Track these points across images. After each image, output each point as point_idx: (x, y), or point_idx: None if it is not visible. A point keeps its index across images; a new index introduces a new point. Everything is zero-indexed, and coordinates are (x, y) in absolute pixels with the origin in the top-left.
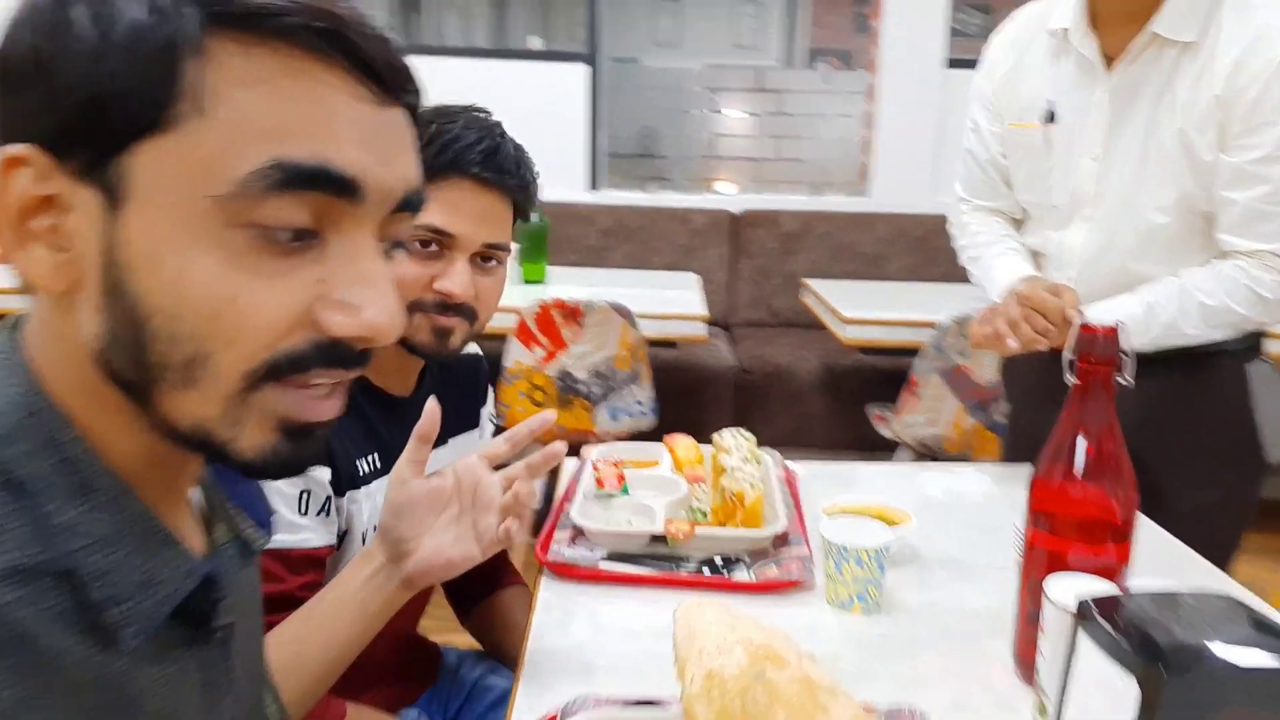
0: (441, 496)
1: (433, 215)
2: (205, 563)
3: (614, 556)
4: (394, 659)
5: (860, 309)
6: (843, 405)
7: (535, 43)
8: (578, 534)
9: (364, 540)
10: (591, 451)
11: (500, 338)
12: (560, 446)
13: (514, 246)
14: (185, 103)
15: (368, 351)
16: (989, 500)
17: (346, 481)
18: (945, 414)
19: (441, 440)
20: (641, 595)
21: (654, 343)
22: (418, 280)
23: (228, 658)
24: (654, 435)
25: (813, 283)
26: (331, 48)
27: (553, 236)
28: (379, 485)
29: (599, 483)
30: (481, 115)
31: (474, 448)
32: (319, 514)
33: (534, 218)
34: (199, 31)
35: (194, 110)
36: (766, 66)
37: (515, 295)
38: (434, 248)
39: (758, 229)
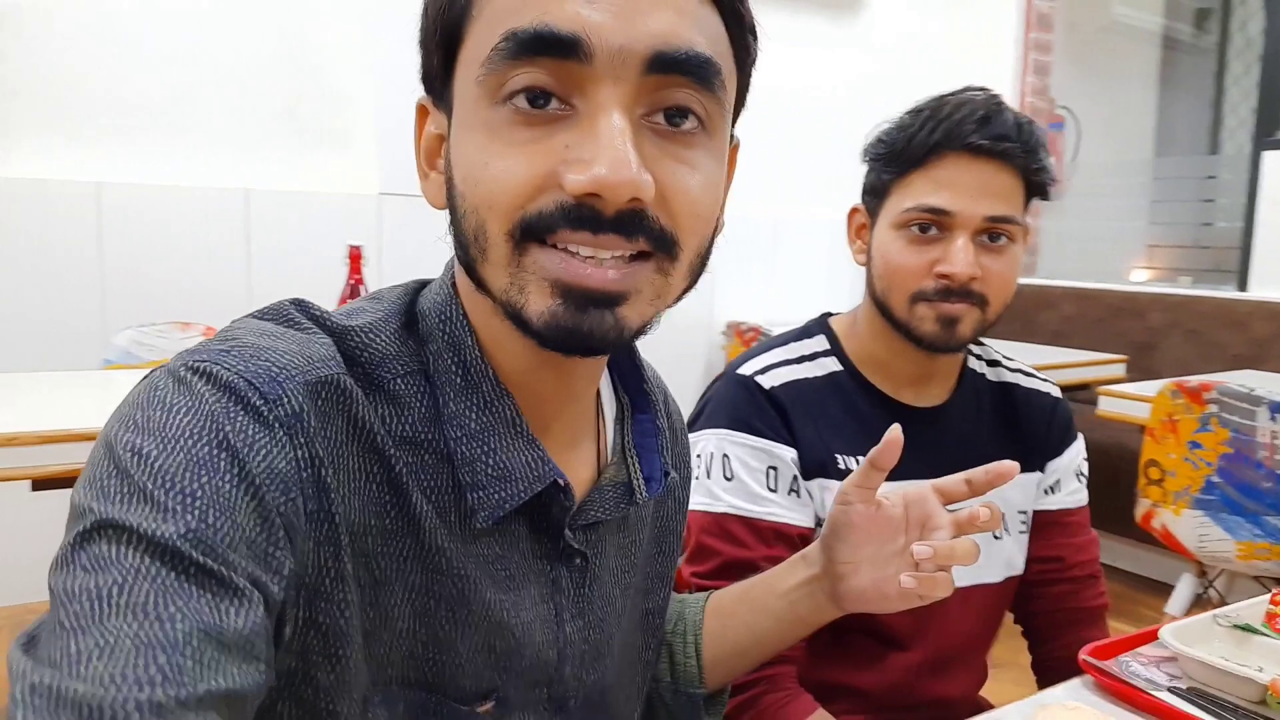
0: (888, 526)
1: (927, 194)
2: (557, 471)
3: (1195, 696)
4: None
5: None
6: None
7: None
8: (1170, 659)
9: None
10: None
11: None
12: (1009, 465)
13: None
14: (469, 11)
15: (628, 216)
16: None
17: (816, 468)
18: None
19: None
20: None
21: None
22: (918, 268)
23: (583, 586)
24: None
25: None
26: None
27: None
28: None
29: (1269, 618)
30: (978, 90)
31: (1031, 491)
32: (789, 492)
33: None
34: None
35: (472, 16)
36: None
37: None
38: (933, 231)
39: None
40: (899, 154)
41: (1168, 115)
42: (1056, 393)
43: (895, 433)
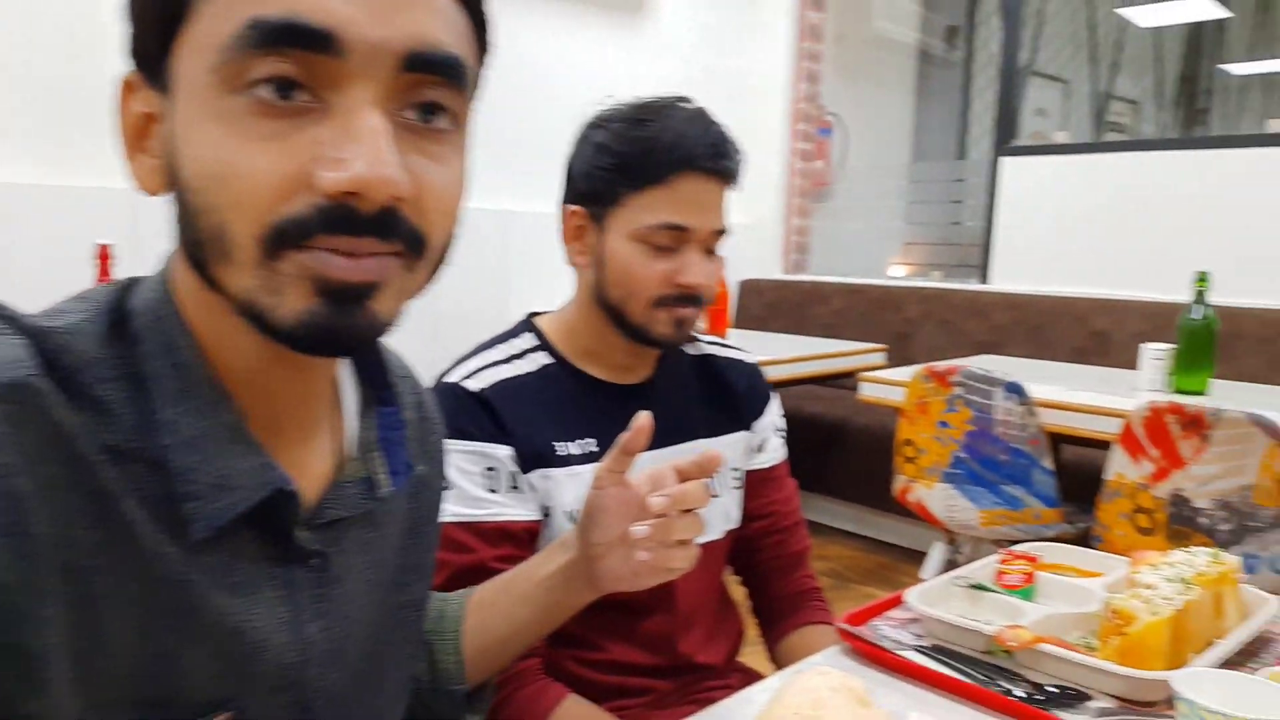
0: (636, 505)
1: (669, 212)
2: (283, 478)
3: (936, 651)
4: None
5: None
6: None
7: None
8: (915, 620)
9: (572, 519)
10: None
11: (1103, 444)
12: (715, 453)
13: (1166, 348)
14: None
15: (386, 215)
16: None
17: (534, 459)
18: None
19: (691, 435)
20: (942, 705)
21: None
22: (661, 276)
23: (323, 585)
24: None
25: None
26: None
27: (1274, 351)
28: (593, 469)
29: (998, 576)
30: (690, 107)
31: (740, 449)
32: (510, 489)
33: (1197, 313)
34: None
35: None
36: None
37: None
38: (668, 243)
39: None
40: (635, 168)
41: (923, 123)
42: (751, 359)
43: (643, 419)
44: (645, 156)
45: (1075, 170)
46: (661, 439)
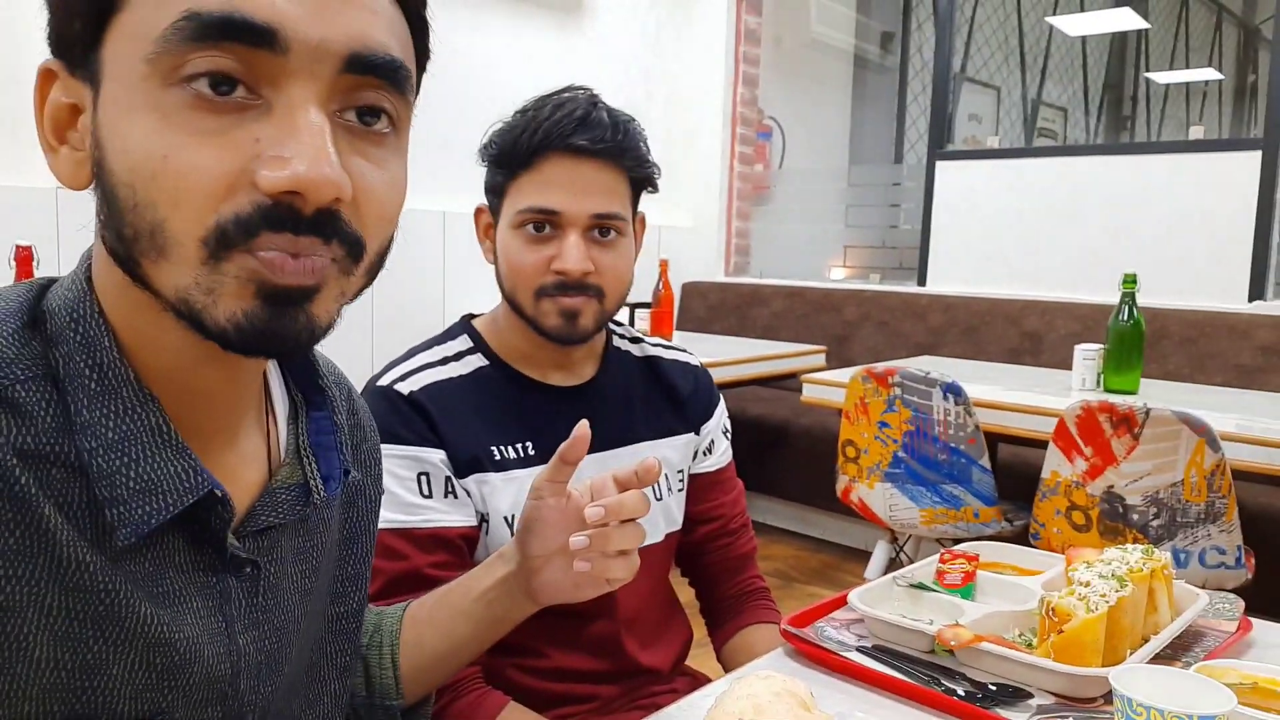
0: (576, 517)
1: (536, 195)
2: (212, 482)
3: (879, 652)
4: None
5: None
6: None
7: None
8: (859, 621)
9: (510, 523)
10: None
11: (1039, 443)
12: (653, 462)
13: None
14: None
15: (326, 216)
16: None
17: (470, 464)
18: None
19: (635, 438)
20: (886, 706)
21: (1248, 475)
22: (536, 265)
23: (256, 595)
24: (1244, 598)
25: None
26: None
27: (1198, 351)
28: (531, 473)
29: (939, 575)
30: (573, 92)
31: (684, 451)
32: (445, 495)
33: (1126, 315)
34: None
35: None
36: None
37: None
38: (548, 229)
39: None
40: (508, 155)
41: (859, 127)
42: (696, 361)
43: (583, 429)
44: (514, 142)
45: (1008, 174)
46: (604, 443)
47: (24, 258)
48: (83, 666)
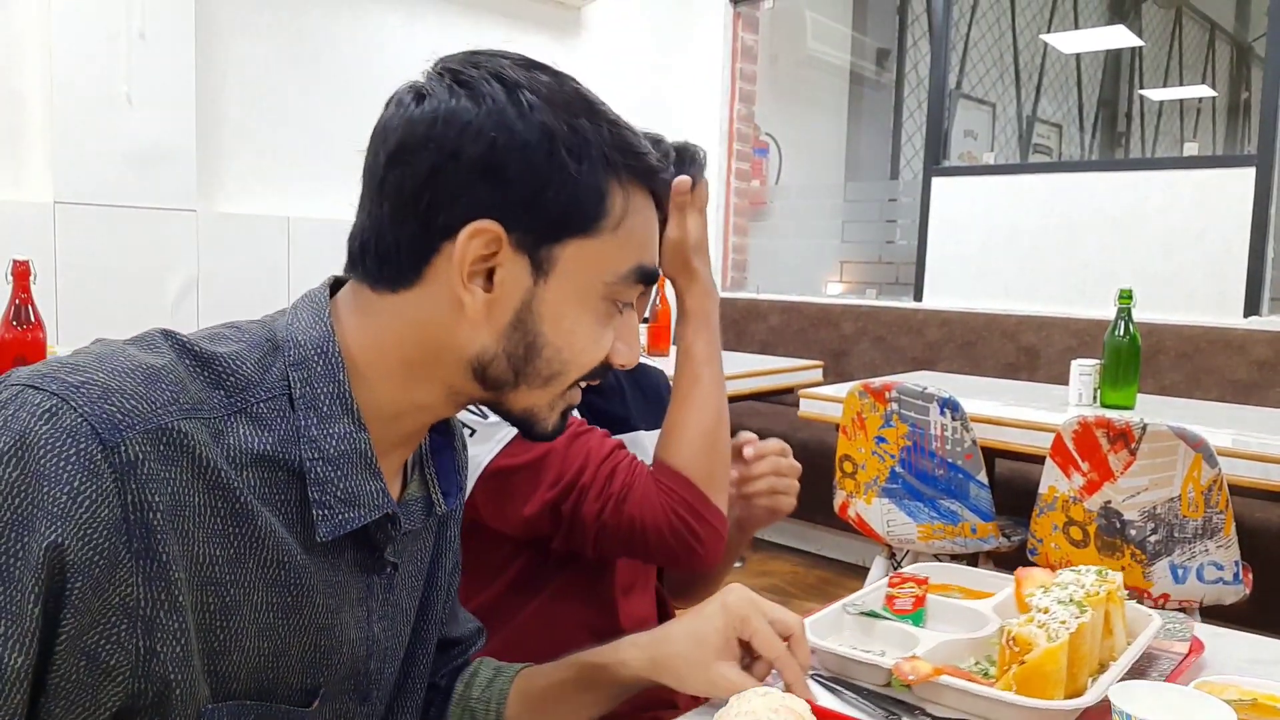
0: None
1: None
2: (392, 503)
3: (834, 684)
4: None
5: None
6: None
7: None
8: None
9: None
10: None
11: (1036, 459)
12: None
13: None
14: (608, 219)
15: None
16: None
17: None
18: None
19: (634, 428)
20: None
21: (1245, 491)
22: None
23: (390, 590)
24: (1242, 614)
25: None
26: (657, 188)
27: (1194, 367)
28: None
29: (888, 601)
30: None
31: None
32: None
33: (1123, 330)
34: (626, 176)
35: (611, 226)
36: None
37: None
38: None
39: None
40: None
41: (855, 143)
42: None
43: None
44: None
45: (1003, 190)
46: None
47: (21, 272)
48: (274, 651)
